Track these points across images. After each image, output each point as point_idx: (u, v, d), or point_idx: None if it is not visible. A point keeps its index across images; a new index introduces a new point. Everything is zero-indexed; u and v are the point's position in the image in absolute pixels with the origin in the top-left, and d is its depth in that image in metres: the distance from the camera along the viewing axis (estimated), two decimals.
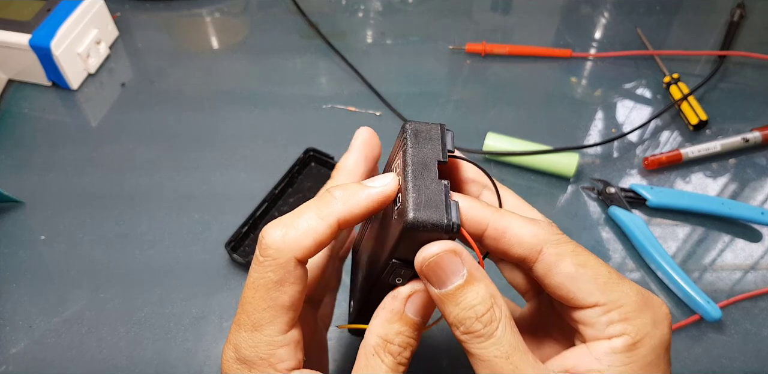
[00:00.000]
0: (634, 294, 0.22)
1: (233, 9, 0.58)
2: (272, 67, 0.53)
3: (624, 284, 0.22)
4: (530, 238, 0.22)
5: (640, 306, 0.22)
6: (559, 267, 0.22)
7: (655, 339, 0.22)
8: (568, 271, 0.22)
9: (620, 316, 0.22)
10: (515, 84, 0.52)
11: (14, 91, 0.50)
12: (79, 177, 0.45)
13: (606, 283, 0.22)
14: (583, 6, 0.59)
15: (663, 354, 0.22)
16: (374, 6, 0.58)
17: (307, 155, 0.44)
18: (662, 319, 0.22)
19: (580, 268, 0.22)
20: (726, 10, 0.57)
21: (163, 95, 0.50)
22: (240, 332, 0.22)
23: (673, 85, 0.50)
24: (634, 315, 0.22)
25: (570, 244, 0.23)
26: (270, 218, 0.42)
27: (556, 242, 0.22)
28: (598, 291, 0.22)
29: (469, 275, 0.21)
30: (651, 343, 0.22)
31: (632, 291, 0.22)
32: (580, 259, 0.22)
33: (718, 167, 0.47)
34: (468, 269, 0.21)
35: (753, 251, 0.42)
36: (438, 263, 0.21)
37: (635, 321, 0.22)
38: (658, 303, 0.23)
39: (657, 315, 0.22)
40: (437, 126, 0.23)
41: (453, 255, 0.21)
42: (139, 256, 0.41)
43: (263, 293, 0.22)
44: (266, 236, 0.22)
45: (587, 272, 0.22)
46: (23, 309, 0.39)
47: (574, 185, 0.45)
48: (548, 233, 0.22)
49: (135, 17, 0.56)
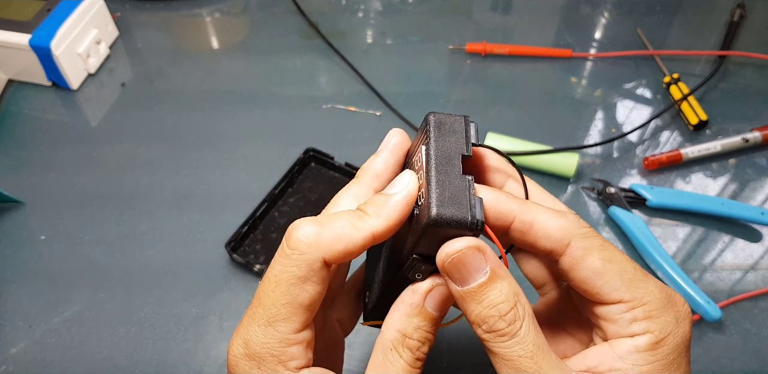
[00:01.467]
0: (658, 292, 0.22)
1: (233, 9, 0.58)
2: (272, 67, 0.53)
3: (649, 281, 0.22)
4: (558, 231, 0.22)
5: (664, 304, 0.22)
6: (587, 261, 0.22)
7: (677, 338, 0.22)
8: (595, 266, 0.22)
9: (644, 314, 0.22)
10: (515, 84, 0.52)
11: (14, 91, 0.50)
12: (79, 177, 0.45)
13: (632, 280, 0.22)
14: (583, 6, 0.59)
15: (684, 353, 0.22)
16: (374, 6, 0.58)
17: (307, 155, 0.44)
18: (684, 317, 0.22)
19: (607, 263, 0.22)
20: (726, 10, 0.57)
21: (163, 95, 0.50)
22: (252, 326, 0.22)
23: (673, 85, 0.50)
24: (658, 313, 0.22)
25: (598, 238, 0.22)
26: (270, 218, 0.42)
27: (584, 236, 0.22)
28: (623, 287, 0.22)
29: (492, 272, 0.21)
30: (674, 342, 0.22)
31: (657, 288, 0.22)
32: (607, 254, 0.22)
33: (718, 167, 0.47)
34: (491, 266, 0.21)
35: (753, 251, 0.42)
36: (461, 259, 0.20)
37: (659, 319, 0.21)
38: (680, 301, 0.23)
39: (679, 314, 0.22)
40: (461, 118, 0.22)
41: (476, 252, 0.20)
42: (139, 256, 0.41)
43: (284, 288, 0.21)
44: (298, 230, 0.21)
45: (614, 268, 0.22)
46: (23, 309, 0.39)
47: (575, 185, 0.45)
48: (576, 226, 0.22)
49: (135, 17, 0.56)
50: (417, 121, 0.48)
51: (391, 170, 0.24)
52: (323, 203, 0.43)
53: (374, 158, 0.25)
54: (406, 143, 0.25)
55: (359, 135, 0.48)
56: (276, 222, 0.42)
